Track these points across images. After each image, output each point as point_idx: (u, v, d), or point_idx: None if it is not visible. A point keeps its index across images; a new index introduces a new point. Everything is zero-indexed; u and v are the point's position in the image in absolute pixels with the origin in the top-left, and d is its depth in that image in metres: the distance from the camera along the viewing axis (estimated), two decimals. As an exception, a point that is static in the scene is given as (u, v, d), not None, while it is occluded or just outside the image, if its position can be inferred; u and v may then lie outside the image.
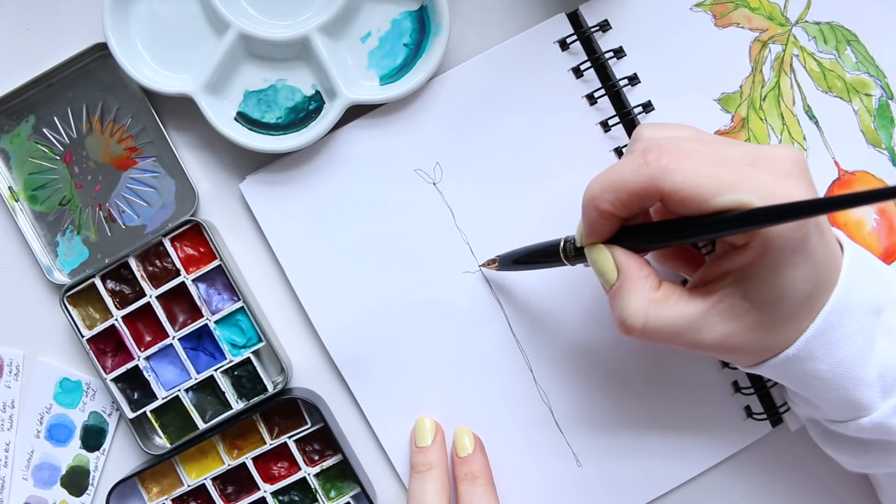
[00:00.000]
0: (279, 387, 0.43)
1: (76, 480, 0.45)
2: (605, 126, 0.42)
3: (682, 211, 0.31)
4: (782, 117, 0.43)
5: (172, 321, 0.43)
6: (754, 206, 0.29)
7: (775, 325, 0.32)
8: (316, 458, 0.44)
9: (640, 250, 0.34)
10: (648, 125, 0.35)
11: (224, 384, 0.43)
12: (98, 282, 0.42)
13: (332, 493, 0.44)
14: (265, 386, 0.43)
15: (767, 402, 0.43)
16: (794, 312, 0.32)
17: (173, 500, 0.44)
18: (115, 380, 0.43)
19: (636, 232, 0.33)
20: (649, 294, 0.33)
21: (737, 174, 0.30)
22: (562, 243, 0.37)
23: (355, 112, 0.42)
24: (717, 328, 0.32)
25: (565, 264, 0.37)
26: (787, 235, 0.30)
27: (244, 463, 0.43)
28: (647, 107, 0.42)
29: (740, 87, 0.43)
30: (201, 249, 0.43)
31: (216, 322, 0.42)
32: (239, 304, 0.42)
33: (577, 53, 0.42)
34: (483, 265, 0.43)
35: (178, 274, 0.42)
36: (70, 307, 0.43)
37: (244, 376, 0.43)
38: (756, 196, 0.29)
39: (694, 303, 0.32)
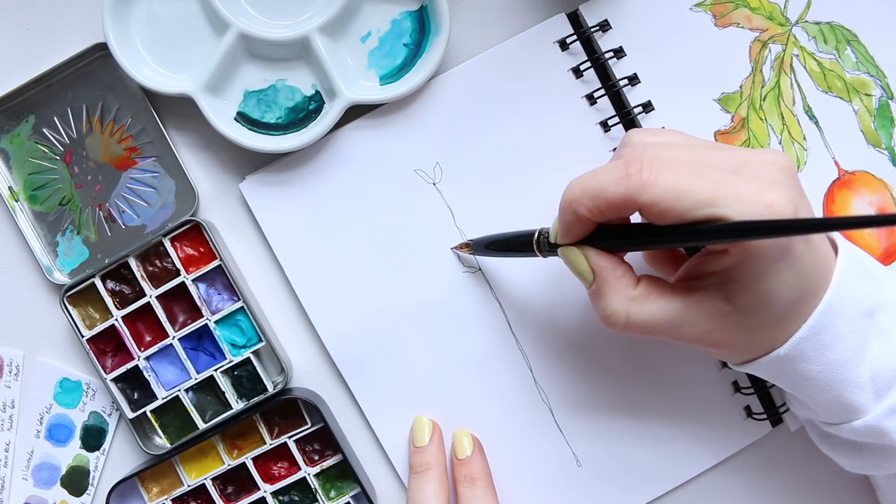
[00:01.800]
0: (279, 387, 0.43)
1: (76, 480, 0.45)
2: (605, 126, 0.42)
3: (661, 222, 0.31)
4: (782, 117, 0.43)
5: (172, 321, 0.43)
6: (729, 221, 0.29)
7: (760, 327, 0.32)
8: (316, 458, 0.44)
9: (617, 250, 0.34)
10: (638, 130, 0.35)
11: (224, 384, 0.43)
12: (98, 282, 0.42)
13: (332, 493, 0.44)
14: (265, 386, 0.43)
15: (767, 401, 0.43)
16: (780, 317, 0.32)
17: (173, 500, 0.44)
18: (115, 380, 0.43)
19: (612, 233, 0.33)
20: (627, 292, 0.33)
21: (717, 185, 0.29)
22: (536, 234, 0.36)
23: (355, 112, 0.42)
24: (700, 325, 0.32)
25: (538, 255, 0.37)
26: (768, 244, 0.30)
27: (244, 463, 0.43)
28: (647, 107, 0.42)
29: (740, 87, 0.43)
30: (201, 249, 0.43)
31: (216, 322, 0.42)
32: (239, 304, 0.42)
33: (577, 53, 0.42)
34: (456, 248, 0.43)
35: (178, 274, 0.42)
36: (70, 307, 0.43)
37: (244, 376, 0.43)
38: (732, 209, 0.29)
39: (675, 300, 0.32)
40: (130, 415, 0.43)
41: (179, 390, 0.43)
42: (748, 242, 0.30)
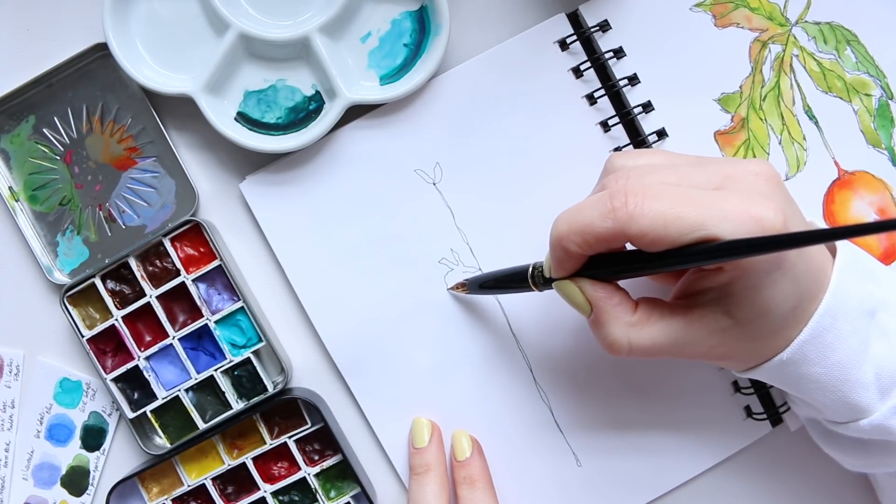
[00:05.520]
0: (279, 387, 0.43)
1: (76, 480, 0.45)
2: (605, 126, 0.42)
3: (653, 249, 0.31)
4: (782, 117, 0.43)
5: (172, 321, 0.43)
6: (720, 242, 0.29)
7: (761, 336, 0.32)
8: (316, 458, 0.44)
9: (612, 278, 0.34)
10: (620, 154, 0.35)
11: (224, 384, 0.43)
12: (98, 282, 0.42)
13: (332, 493, 0.44)
14: (265, 386, 0.43)
15: (767, 401, 0.43)
16: (780, 325, 0.32)
17: (173, 500, 0.44)
18: (115, 380, 0.43)
19: (605, 262, 0.33)
20: (626, 319, 0.33)
21: (703, 207, 0.29)
22: (530, 270, 0.36)
23: (355, 112, 0.42)
24: (703, 342, 0.32)
25: (534, 290, 0.37)
26: (761, 257, 0.30)
27: (244, 463, 0.43)
28: (647, 107, 0.42)
29: (740, 87, 0.43)
30: (201, 249, 0.43)
31: (216, 322, 0.43)
32: (239, 304, 0.42)
33: (577, 53, 0.42)
34: (452, 288, 0.43)
35: (178, 274, 0.42)
36: (70, 307, 0.43)
37: (244, 376, 0.43)
38: (722, 229, 0.29)
39: (675, 320, 0.32)
40: (130, 415, 0.43)
41: (179, 390, 0.43)
42: (741, 259, 0.30)
